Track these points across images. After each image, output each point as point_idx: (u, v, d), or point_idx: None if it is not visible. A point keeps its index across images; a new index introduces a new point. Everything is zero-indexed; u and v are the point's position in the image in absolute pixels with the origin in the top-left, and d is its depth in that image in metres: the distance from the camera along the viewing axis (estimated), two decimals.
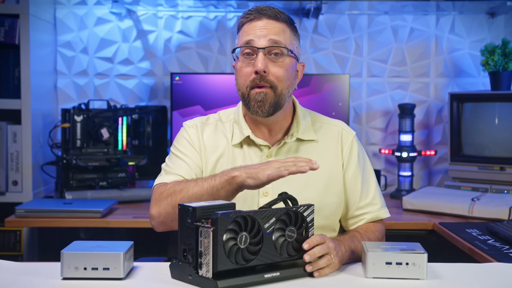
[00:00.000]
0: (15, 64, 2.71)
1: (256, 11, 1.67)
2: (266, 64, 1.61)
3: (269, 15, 1.65)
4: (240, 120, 1.74)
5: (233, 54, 1.70)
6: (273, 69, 1.62)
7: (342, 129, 1.78)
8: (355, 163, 1.74)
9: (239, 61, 1.66)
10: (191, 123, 1.79)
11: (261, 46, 1.62)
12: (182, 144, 1.75)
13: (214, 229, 1.25)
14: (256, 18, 1.65)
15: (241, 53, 1.66)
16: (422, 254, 1.37)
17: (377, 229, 1.72)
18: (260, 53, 1.61)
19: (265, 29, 1.63)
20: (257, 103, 1.62)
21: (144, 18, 3.09)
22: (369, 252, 1.39)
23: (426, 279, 1.37)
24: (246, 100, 1.65)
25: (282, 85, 1.64)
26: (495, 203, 2.43)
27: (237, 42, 1.70)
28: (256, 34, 1.63)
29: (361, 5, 2.96)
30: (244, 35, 1.66)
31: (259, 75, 1.61)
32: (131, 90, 3.10)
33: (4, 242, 2.68)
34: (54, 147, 2.78)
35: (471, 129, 2.80)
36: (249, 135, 1.70)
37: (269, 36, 1.63)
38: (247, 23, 1.67)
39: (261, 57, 1.61)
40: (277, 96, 1.63)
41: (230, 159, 1.71)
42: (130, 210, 2.60)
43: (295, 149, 1.72)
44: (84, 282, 1.32)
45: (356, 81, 3.12)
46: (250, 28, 1.65)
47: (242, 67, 1.65)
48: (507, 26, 3.07)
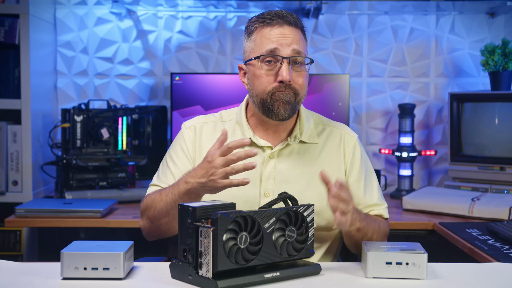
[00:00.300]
0: (15, 64, 2.71)
1: (277, 16, 1.65)
2: (290, 73, 1.62)
3: (290, 22, 1.65)
4: (242, 122, 1.73)
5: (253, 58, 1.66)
6: (296, 78, 1.64)
7: (344, 133, 1.78)
8: (358, 167, 1.75)
9: (259, 68, 1.64)
10: (190, 124, 1.79)
11: (287, 56, 1.62)
12: (176, 151, 1.76)
13: (214, 229, 1.25)
14: (277, 24, 1.64)
15: (262, 60, 1.64)
16: (422, 254, 1.37)
17: (384, 223, 1.74)
18: (285, 62, 1.61)
19: (288, 38, 1.63)
20: (283, 102, 1.63)
21: (144, 18, 3.09)
22: (369, 252, 1.39)
23: (426, 279, 1.37)
24: (268, 104, 1.65)
25: (302, 93, 1.67)
26: (495, 203, 2.43)
27: (253, 46, 1.66)
28: (279, 42, 1.62)
29: (361, 5, 2.96)
30: (265, 41, 1.63)
31: (284, 84, 1.62)
32: (131, 90, 3.10)
33: (4, 242, 2.68)
34: (54, 147, 2.78)
35: (471, 129, 2.80)
36: (250, 137, 1.70)
37: (293, 46, 1.62)
38: (267, 27, 1.64)
39: (286, 67, 1.61)
40: (297, 102, 1.66)
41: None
42: (130, 210, 2.60)
43: (297, 151, 1.72)
44: (84, 282, 1.32)
45: (356, 81, 3.12)
46: (272, 35, 1.63)
47: (263, 74, 1.64)
48: (507, 26, 3.07)
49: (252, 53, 1.67)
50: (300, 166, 1.70)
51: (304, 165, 1.71)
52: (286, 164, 1.69)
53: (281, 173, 1.68)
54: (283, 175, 1.68)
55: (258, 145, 1.71)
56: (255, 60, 1.65)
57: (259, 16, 1.68)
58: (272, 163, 1.69)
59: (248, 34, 1.70)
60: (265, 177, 1.68)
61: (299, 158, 1.71)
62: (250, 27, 1.69)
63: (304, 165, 1.70)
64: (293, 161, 1.70)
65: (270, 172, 1.68)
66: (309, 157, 1.72)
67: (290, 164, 1.69)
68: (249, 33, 1.69)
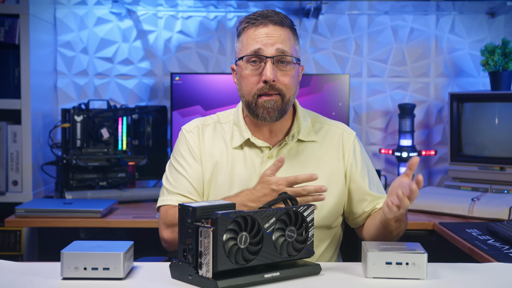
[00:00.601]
0: (15, 64, 2.71)
1: (262, 16, 1.65)
2: (274, 73, 1.61)
3: (275, 21, 1.64)
4: (240, 122, 1.73)
5: (238, 59, 1.67)
6: (281, 77, 1.63)
7: (343, 131, 1.78)
8: (360, 163, 1.76)
9: (245, 68, 1.65)
10: (190, 127, 1.78)
11: (270, 55, 1.62)
12: (182, 155, 1.74)
13: (214, 229, 1.25)
14: (262, 24, 1.64)
15: (247, 60, 1.64)
16: (422, 254, 1.37)
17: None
18: (269, 62, 1.61)
19: (273, 37, 1.63)
20: (266, 110, 1.64)
21: (144, 18, 3.09)
22: (369, 252, 1.39)
23: (426, 279, 1.37)
24: (252, 107, 1.65)
25: (289, 93, 1.65)
26: (495, 203, 2.43)
27: (241, 47, 1.67)
28: (263, 42, 1.62)
29: (361, 5, 2.96)
30: (251, 42, 1.64)
31: (268, 84, 1.62)
32: (131, 90, 3.10)
33: (4, 242, 2.68)
34: (54, 147, 2.78)
35: (471, 129, 2.80)
36: (249, 137, 1.70)
37: (277, 45, 1.62)
38: (252, 28, 1.65)
39: (270, 67, 1.61)
40: (285, 103, 1.65)
41: (230, 163, 1.71)
42: (130, 210, 2.60)
43: (295, 150, 1.72)
44: (84, 282, 1.32)
45: (356, 81, 3.12)
46: (257, 35, 1.64)
47: (248, 75, 1.64)
48: (507, 26, 3.07)
49: (239, 54, 1.68)
50: (299, 164, 1.71)
51: (303, 163, 1.71)
52: (285, 164, 1.69)
53: (280, 172, 1.68)
54: (283, 175, 1.68)
55: (257, 146, 1.71)
56: (241, 61, 1.66)
57: (246, 16, 1.69)
58: (271, 163, 1.69)
59: (237, 35, 1.71)
60: None
61: (297, 157, 1.71)
62: (239, 27, 1.70)
63: (303, 164, 1.71)
64: (291, 160, 1.71)
65: None
66: (308, 155, 1.72)
67: (288, 163, 1.69)
68: (238, 34, 1.71)
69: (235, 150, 1.72)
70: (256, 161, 1.70)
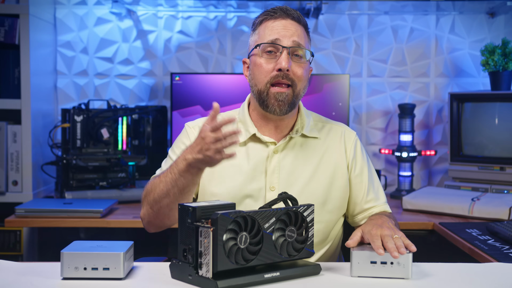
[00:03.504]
0: (15, 64, 2.71)
1: (281, 10, 1.70)
2: (290, 63, 1.65)
3: (293, 16, 1.69)
4: (245, 119, 1.76)
5: (254, 47, 1.69)
6: (295, 68, 1.66)
7: (344, 129, 1.83)
8: (360, 160, 1.79)
9: (260, 57, 1.68)
10: (193, 124, 1.80)
11: (287, 45, 1.65)
12: (179, 147, 1.76)
13: (214, 229, 1.25)
14: (280, 17, 1.68)
15: (263, 50, 1.68)
16: (407, 253, 1.38)
17: (393, 218, 1.74)
18: (285, 52, 1.65)
19: (290, 30, 1.67)
20: (278, 102, 1.66)
21: (144, 18, 3.09)
22: (354, 251, 1.39)
23: (411, 278, 1.37)
24: (263, 96, 1.68)
25: (300, 85, 1.68)
26: (495, 203, 2.43)
27: (257, 38, 1.71)
28: (281, 34, 1.66)
29: (361, 5, 2.96)
30: (269, 32, 1.68)
31: (282, 72, 1.64)
32: (131, 90, 3.10)
33: (4, 242, 2.68)
34: (54, 147, 2.78)
35: (471, 129, 2.80)
36: (255, 133, 1.72)
37: (294, 38, 1.66)
38: (271, 20, 1.69)
39: (285, 56, 1.64)
40: (295, 96, 1.68)
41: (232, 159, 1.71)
42: (130, 210, 2.60)
43: (300, 145, 1.75)
44: (84, 282, 1.32)
45: (356, 81, 3.12)
46: (274, 26, 1.68)
47: (263, 63, 1.67)
48: (507, 26, 3.07)
49: (256, 43, 1.71)
50: (304, 159, 1.73)
51: (308, 158, 1.74)
52: (290, 158, 1.72)
53: (286, 167, 1.71)
54: (288, 169, 1.71)
55: (262, 141, 1.73)
56: (256, 49, 1.69)
57: (264, 11, 1.73)
58: (276, 157, 1.71)
59: (253, 29, 1.74)
60: (270, 171, 1.70)
61: (302, 152, 1.74)
62: (255, 21, 1.74)
63: (307, 158, 1.74)
64: (296, 155, 1.73)
65: (274, 167, 1.71)
66: (312, 150, 1.75)
67: (294, 157, 1.72)
68: (254, 28, 1.74)
69: (238, 146, 1.73)
70: (262, 155, 1.71)
